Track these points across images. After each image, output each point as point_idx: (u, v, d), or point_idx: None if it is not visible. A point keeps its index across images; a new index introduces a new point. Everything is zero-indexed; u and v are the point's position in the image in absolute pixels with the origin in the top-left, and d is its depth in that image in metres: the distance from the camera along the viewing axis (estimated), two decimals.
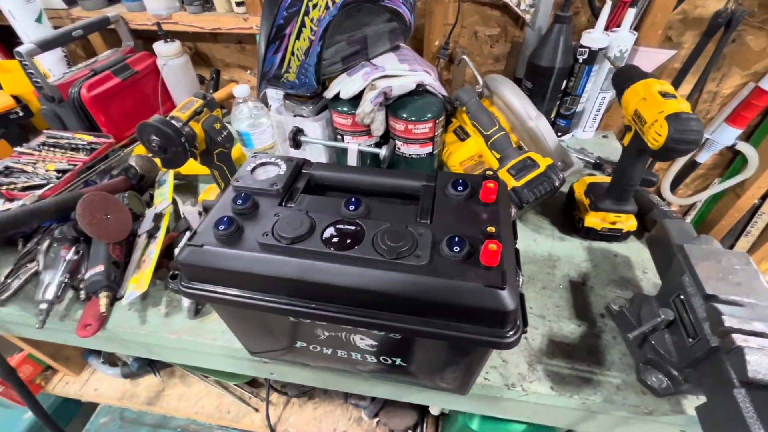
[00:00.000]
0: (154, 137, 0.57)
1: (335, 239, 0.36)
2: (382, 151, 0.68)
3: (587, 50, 0.79)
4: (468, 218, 0.39)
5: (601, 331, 0.56)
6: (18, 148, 0.80)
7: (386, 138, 0.73)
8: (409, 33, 0.70)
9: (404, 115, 0.66)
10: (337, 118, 0.70)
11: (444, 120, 0.70)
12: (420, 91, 0.67)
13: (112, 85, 0.87)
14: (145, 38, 1.01)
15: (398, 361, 0.45)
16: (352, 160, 0.72)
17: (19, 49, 0.75)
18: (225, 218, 0.37)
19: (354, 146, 0.70)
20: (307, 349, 0.47)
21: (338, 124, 0.72)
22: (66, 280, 0.59)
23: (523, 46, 0.89)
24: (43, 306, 0.57)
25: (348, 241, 0.36)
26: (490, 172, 0.42)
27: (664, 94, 0.53)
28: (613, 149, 0.92)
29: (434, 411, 0.88)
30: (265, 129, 0.71)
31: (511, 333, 0.34)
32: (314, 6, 0.57)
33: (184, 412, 0.99)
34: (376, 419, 0.95)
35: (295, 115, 0.76)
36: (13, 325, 0.64)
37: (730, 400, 0.38)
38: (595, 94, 0.88)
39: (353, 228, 0.37)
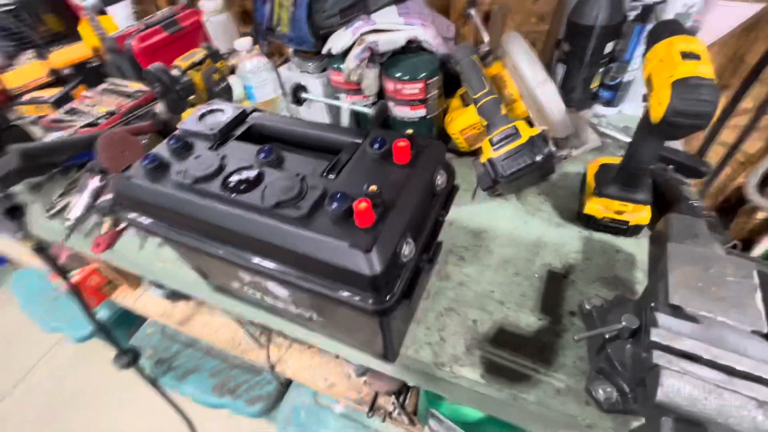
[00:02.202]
0: (156, 83, 0.63)
1: (233, 184, 0.37)
2: (370, 111, 0.66)
3: (640, 5, 0.65)
4: (373, 177, 0.37)
5: (564, 330, 0.50)
6: (84, 92, 0.94)
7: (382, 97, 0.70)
8: None
9: (393, 74, 0.62)
10: (333, 75, 0.69)
11: (440, 81, 0.65)
12: (414, 48, 0.63)
13: (160, 38, 0.96)
14: None
15: (314, 315, 0.45)
16: (345, 118, 0.71)
17: (85, 4, 0.87)
18: (150, 155, 0.40)
19: (345, 105, 0.69)
20: (242, 290, 0.50)
21: (334, 82, 0.71)
22: (89, 203, 0.70)
23: (567, 1, 0.77)
24: (69, 224, 0.68)
25: (243, 186, 0.37)
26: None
27: (685, 55, 0.42)
28: None
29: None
30: (267, 82, 0.73)
31: (374, 300, 0.32)
32: None
33: (206, 337, 1.13)
34: (363, 378, 0.98)
35: (301, 72, 0.77)
36: (57, 236, 0.78)
37: (657, 428, 0.31)
38: None
39: (255, 175, 0.38)
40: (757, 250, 1.02)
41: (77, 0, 1.10)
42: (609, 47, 0.72)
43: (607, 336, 0.43)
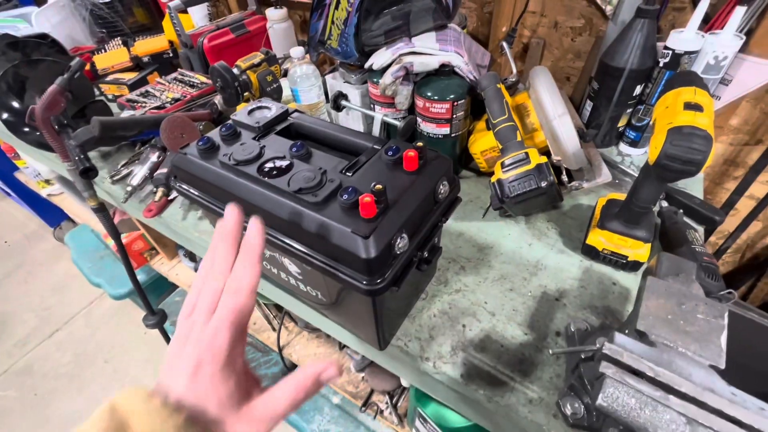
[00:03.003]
0: (218, 78, 0.72)
1: (267, 169, 0.44)
2: (399, 123, 0.72)
3: (671, 52, 0.68)
4: (383, 179, 0.42)
5: (547, 347, 0.53)
6: (158, 79, 1.07)
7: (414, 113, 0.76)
8: (451, 14, 0.70)
9: (424, 93, 0.69)
10: (371, 87, 0.77)
11: (467, 103, 0.70)
12: (447, 71, 0.69)
13: (227, 39, 1.08)
14: (266, 4, 1.21)
15: (319, 294, 0.52)
16: (377, 128, 0.78)
17: (170, 3, 1.00)
18: (205, 138, 0.49)
19: (379, 115, 0.76)
20: (261, 265, 0.57)
21: (371, 94, 0.78)
22: (147, 174, 0.81)
23: (603, 42, 0.80)
24: (129, 188, 0.79)
25: (275, 172, 0.44)
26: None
27: (689, 105, 0.45)
28: (692, 178, 0.77)
29: (404, 382, 0.91)
30: (312, 88, 0.82)
31: (367, 281, 0.37)
32: None
33: None
34: (362, 374, 1.02)
35: (344, 82, 0.85)
36: (116, 199, 0.89)
37: None
38: None
39: (286, 164, 0.45)
40: None
41: None
42: (638, 89, 0.74)
43: (582, 356, 0.46)
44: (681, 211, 0.63)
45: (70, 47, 1.26)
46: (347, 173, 0.44)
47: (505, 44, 0.76)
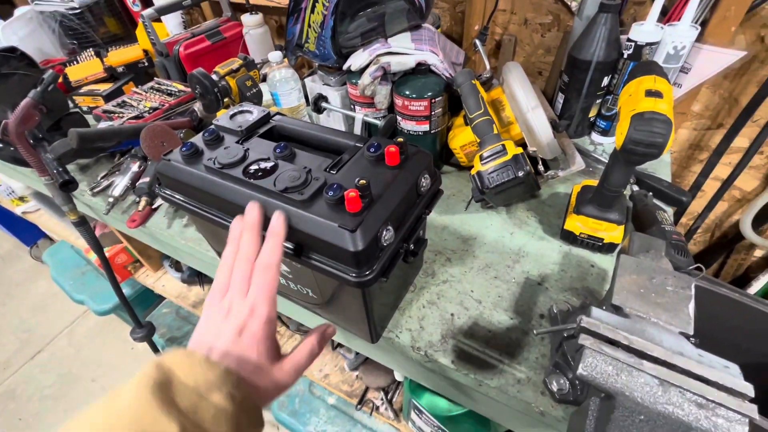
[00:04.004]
0: (197, 85, 0.72)
1: (252, 171, 0.45)
2: (380, 122, 0.74)
3: (633, 44, 0.72)
4: (367, 174, 0.44)
5: (532, 330, 0.55)
6: (134, 89, 1.06)
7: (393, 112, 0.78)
8: (424, 14, 0.72)
9: (402, 91, 0.70)
10: (350, 88, 0.78)
11: (445, 100, 0.72)
12: (423, 70, 0.71)
13: (203, 46, 1.08)
14: (241, 10, 1.21)
15: (310, 292, 0.52)
16: (358, 128, 0.79)
17: (143, 12, 0.99)
18: (188, 143, 0.49)
19: (359, 116, 0.78)
20: None
21: (351, 95, 0.79)
22: (129, 184, 0.80)
23: (570, 37, 0.84)
24: (110, 200, 0.78)
25: (260, 174, 0.45)
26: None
27: (650, 93, 0.48)
28: (660, 162, 0.81)
29: (398, 377, 0.92)
30: (292, 92, 0.83)
31: (356, 273, 0.39)
32: None
33: None
34: (356, 372, 1.03)
35: (324, 84, 0.86)
36: (97, 212, 0.88)
37: (587, 409, 0.37)
38: None
39: (270, 165, 0.45)
40: (754, 288, 1.04)
41: (136, 8, 1.25)
42: (606, 81, 0.78)
43: (565, 334, 0.48)
44: (651, 194, 0.67)
45: (40, 60, 1.23)
46: (331, 171, 0.45)
47: (478, 42, 0.78)
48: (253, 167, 0.46)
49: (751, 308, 0.61)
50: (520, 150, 0.59)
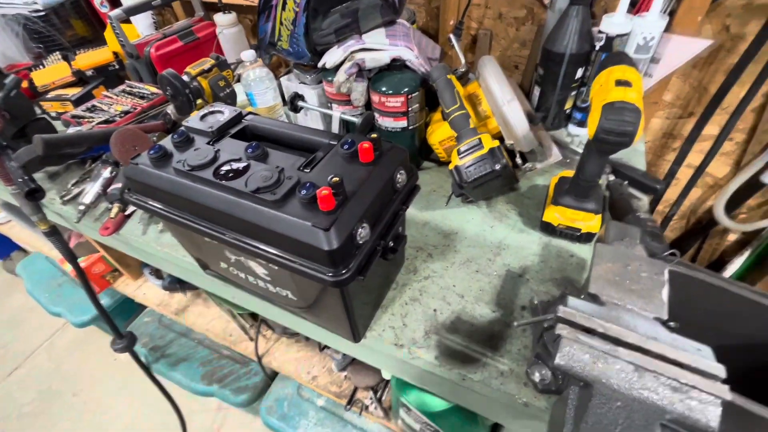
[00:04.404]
0: (167, 87, 0.70)
1: (223, 172, 0.44)
2: (358, 120, 0.73)
3: (604, 36, 0.72)
4: (341, 172, 0.43)
5: (514, 322, 0.55)
6: (105, 93, 1.03)
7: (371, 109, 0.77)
8: (398, 10, 0.72)
9: (379, 88, 0.70)
10: (326, 86, 0.77)
11: (421, 96, 0.72)
12: (399, 66, 0.70)
13: (176, 47, 1.05)
14: (214, 9, 1.19)
15: (289, 294, 0.52)
16: (335, 126, 0.78)
17: (110, 13, 0.96)
18: (156, 146, 0.48)
19: (336, 114, 0.77)
20: (228, 271, 0.56)
21: (327, 93, 0.78)
22: (100, 191, 0.77)
23: (544, 30, 0.84)
24: (81, 207, 0.75)
25: (231, 174, 0.43)
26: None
27: (619, 82, 0.48)
28: (634, 152, 0.82)
29: (386, 375, 0.92)
30: (267, 91, 0.81)
31: (333, 273, 0.38)
32: None
33: (199, 327, 1.19)
34: (344, 372, 1.02)
35: (300, 82, 0.84)
36: (68, 221, 0.85)
37: (566, 398, 0.37)
38: None
39: (243, 166, 0.44)
40: (729, 271, 1.07)
41: (104, 9, 1.21)
42: (580, 72, 0.79)
43: (545, 325, 0.48)
44: (626, 182, 0.68)
45: (5, 65, 1.18)
46: (305, 170, 0.44)
47: (452, 37, 0.78)
48: (224, 168, 0.45)
49: (727, 291, 0.63)
50: (496, 143, 0.59)
